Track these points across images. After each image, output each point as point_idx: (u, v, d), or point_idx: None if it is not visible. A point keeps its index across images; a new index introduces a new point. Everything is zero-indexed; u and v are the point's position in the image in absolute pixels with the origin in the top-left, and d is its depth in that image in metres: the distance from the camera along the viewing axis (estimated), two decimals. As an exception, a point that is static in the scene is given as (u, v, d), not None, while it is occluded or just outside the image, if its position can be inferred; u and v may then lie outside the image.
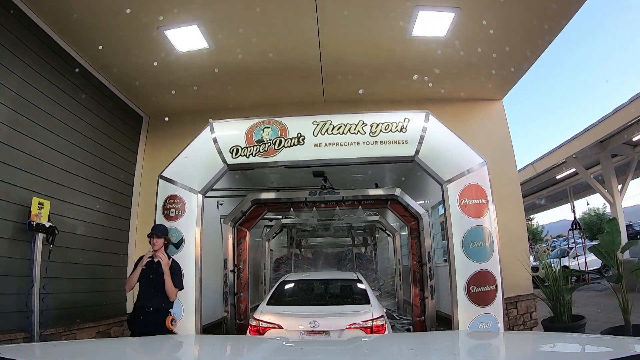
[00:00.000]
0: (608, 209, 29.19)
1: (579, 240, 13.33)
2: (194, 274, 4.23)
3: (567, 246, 15.05)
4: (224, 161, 4.45)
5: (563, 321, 4.74)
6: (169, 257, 3.96)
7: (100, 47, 4.96)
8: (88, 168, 5.45)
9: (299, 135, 4.31)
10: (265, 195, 6.31)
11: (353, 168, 8.39)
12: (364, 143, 4.27)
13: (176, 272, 3.84)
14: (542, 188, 14.90)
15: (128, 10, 4.37)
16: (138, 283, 3.81)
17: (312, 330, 3.73)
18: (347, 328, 3.77)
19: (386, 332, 3.92)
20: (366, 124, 4.32)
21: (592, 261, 12.70)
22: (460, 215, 4.18)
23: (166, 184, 4.63)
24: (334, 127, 4.31)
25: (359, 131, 4.29)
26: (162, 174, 4.69)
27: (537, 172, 11.14)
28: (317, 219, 9.98)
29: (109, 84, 5.94)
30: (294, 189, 6.57)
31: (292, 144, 4.29)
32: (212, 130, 4.58)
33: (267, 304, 4.41)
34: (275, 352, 1.74)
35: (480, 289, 4.03)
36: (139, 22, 4.57)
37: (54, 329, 4.54)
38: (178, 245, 4.29)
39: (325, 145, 4.27)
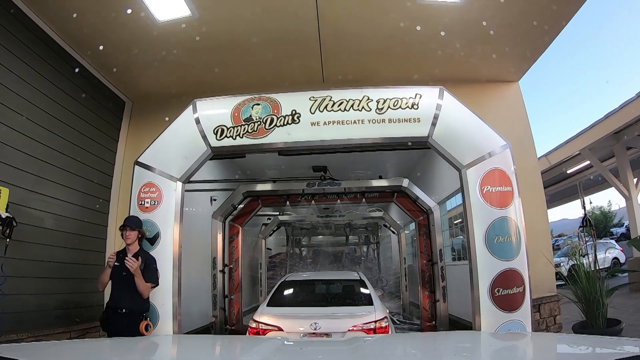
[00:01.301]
0: (613, 207, 28.86)
1: (587, 238, 12.73)
2: (171, 275, 3.63)
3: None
4: (208, 144, 3.86)
5: (598, 326, 4.13)
6: (143, 250, 3.50)
7: (74, 17, 4.36)
8: (59, 154, 4.85)
9: (294, 112, 3.71)
10: (258, 187, 5.71)
11: (355, 161, 7.86)
12: (369, 121, 3.67)
13: (150, 266, 3.40)
14: (550, 184, 14.30)
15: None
16: (110, 281, 3.40)
17: (314, 333, 3.61)
18: (349, 330, 3.63)
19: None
20: (372, 100, 3.72)
21: (600, 260, 12.11)
22: (483, 205, 3.57)
23: (142, 170, 4.06)
24: (334, 103, 3.71)
25: (363, 107, 3.69)
26: (138, 160, 4.14)
27: (551, 164, 10.55)
28: (316, 216, 9.44)
29: (86, 63, 5.34)
30: (290, 180, 5.97)
31: (285, 123, 3.69)
32: (195, 110, 4.01)
33: (267, 305, 4.27)
34: (275, 352, 1.69)
35: (507, 292, 3.43)
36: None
37: (15, 335, 3.95)
38: (153, 240, 3.70)
39: (325, 123, 3.67)
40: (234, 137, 3.76)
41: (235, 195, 5.61)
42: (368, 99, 3.73)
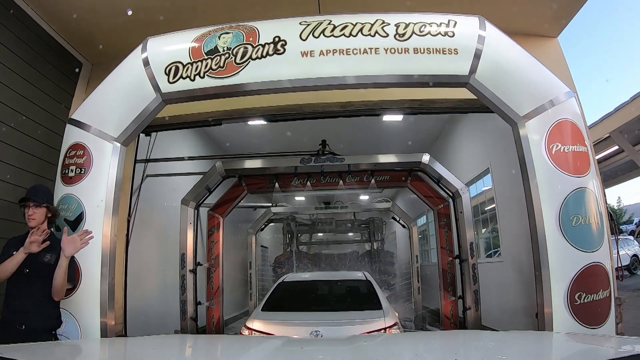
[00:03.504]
0: (622, 204, 28.20)
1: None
2: (98, 275, 2.52)
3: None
4: (157, 89, 2.75)
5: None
6: (54, 236, 2.43)
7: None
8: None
9: (277, 39, 2.58)
10: (239, 164, 4.58)
11: (357, 150, 6.72)
12: (386, 51, 2.56)
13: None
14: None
15: None
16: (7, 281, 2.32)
17: None
18: None
19: None
20: (388, 24, 2.62)
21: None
22: (553, 171, 2.45)
23: (73, 129, 2.99)
24: (334, 27, 2.59)
25: (377, 32, 2.58)
26: (72, 116, 3.08)
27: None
28: (315, 207, 8.36)
29: (30, 10, 4.24)
30: (280, 155, 4.83)
31: (264, 54, 2.57)
32: (145, 49, 2.92)
33: (262, 309, 3.94)
34: (275, 351, 1.64)
35: (592, 297, 2.31)
36: None
37: None
38: (75, 224, 2.60)
39: (321, 54, 2.55)
40: (192, 77, 2.65)
41: (211, 175, 4.49)
42: (383, 22, 2.62)
